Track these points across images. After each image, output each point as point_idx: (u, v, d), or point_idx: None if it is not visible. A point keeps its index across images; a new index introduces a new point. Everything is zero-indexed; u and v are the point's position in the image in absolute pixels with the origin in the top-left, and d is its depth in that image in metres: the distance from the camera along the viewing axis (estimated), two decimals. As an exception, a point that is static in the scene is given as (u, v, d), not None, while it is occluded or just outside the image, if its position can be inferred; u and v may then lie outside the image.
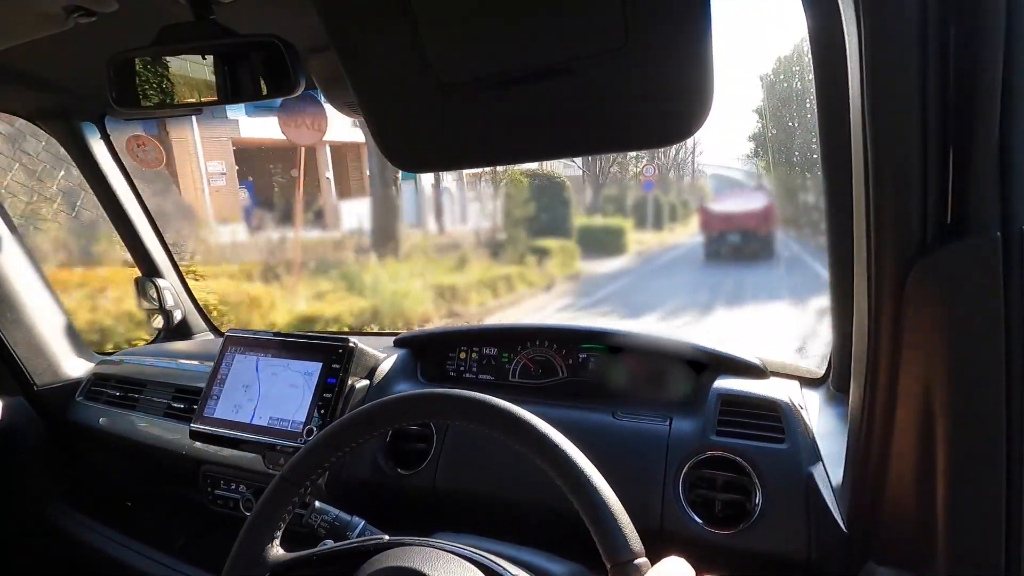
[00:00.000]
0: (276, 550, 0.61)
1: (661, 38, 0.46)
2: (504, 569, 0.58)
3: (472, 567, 0.57)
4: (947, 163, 0.52)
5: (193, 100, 0.73)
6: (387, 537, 0.63)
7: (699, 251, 6.51)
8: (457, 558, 0.58)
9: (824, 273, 0.95)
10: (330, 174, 8.00)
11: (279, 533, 0.61)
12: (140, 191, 1.54)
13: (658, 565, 0.44)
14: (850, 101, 0.58)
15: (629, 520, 0.49)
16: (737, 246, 5.89)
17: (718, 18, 0.44)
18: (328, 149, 8.17)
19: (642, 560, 0.46)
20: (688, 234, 7.10)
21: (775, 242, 5.80)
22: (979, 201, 0.52)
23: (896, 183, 0.54)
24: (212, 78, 0.71)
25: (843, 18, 0.55)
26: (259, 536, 0.60)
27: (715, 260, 6.03)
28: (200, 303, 1.74)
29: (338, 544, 0.65)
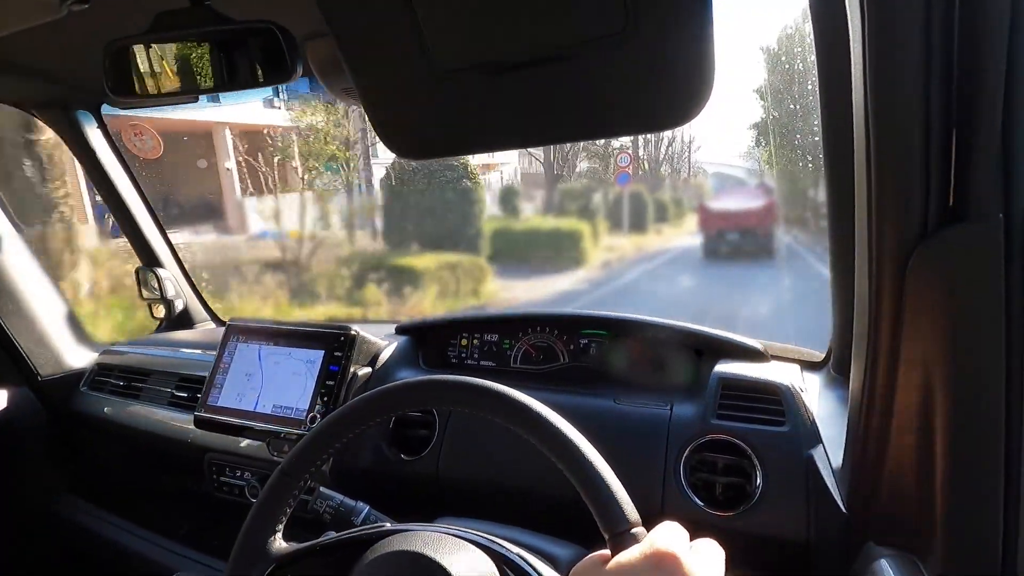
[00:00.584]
0: (279, 543, 0.61)
1: (662, 21, 0.45)
2: (508, 551, 0.58)
3: (476, 549, 0.58)
4: (950, 146, 0.52)
5: (189, 87, 0.72)
6: (389, 524, 0.64)
7: (688, 259, 5.24)
8: (461, 541, 0.59)
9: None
10: (231, 164, 6.29)
11: (281, 526, 0.62)
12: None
13: (654, 531, 0.45)
14: (852, 84, 0.58)
15: (625, 492, 0.49)
16: (737, 244, 5.48)
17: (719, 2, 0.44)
18: (228, 134, 6.46)
19: (639, 529, 0.47)
20: (679, 237, 5.71)
21: (775, 241, 5.30)
22: (981, 184, 0.52)
23: (898, 166, 0.54)
24: (208, 65, 0.71)
25: (846, 0, 0.54)
26: (261, 529, 0.60)
27: (713, 259, 5.48)
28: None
29: (342, 533, 0.65)
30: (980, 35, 0.48)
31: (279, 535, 0.61)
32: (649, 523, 0.48)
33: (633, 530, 0.47)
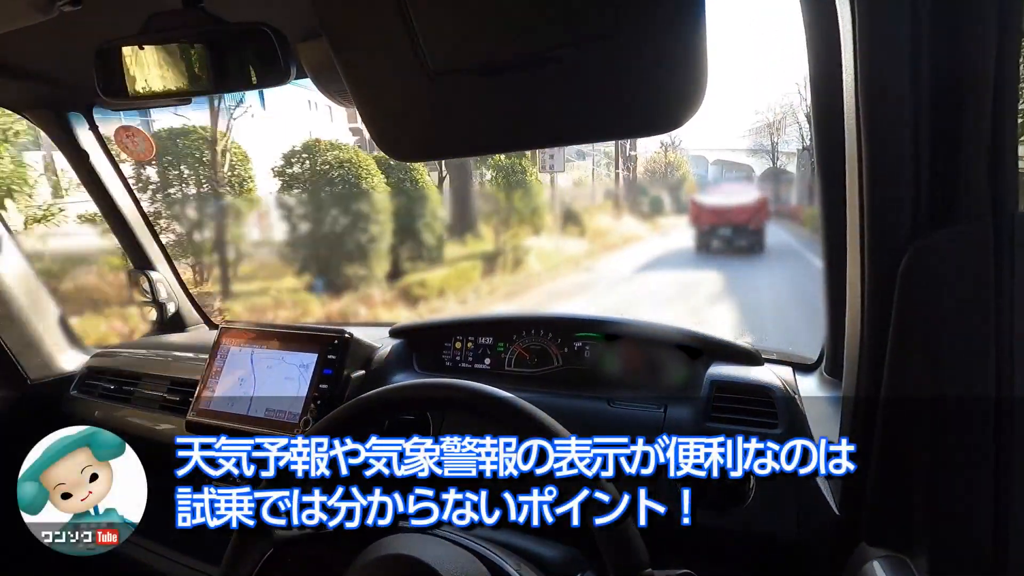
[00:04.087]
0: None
1: (653, 25, 0.45)
2: (498, 556, 0.58)
3: (464, 551, 0.58)
4: (939, 150, 0.53)
5: (181, 89, 0.72)
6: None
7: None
8: (453, 545, 0.59)
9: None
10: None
11: None
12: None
13: None
14: (844, 89, 0.58)
15: (637, 531, 0.49)
16: (730, 241, 5.15)
17: None
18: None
19: (648, 572, 0.46)
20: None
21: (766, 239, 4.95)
22: (970, 188, 0.52)
23: (889, 170, 0.54)
24: (201, 67, 0.70)
25: (837, 4, 0.55)
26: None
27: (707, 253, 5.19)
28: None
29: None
30: (969, 40, 0.49)
31: None
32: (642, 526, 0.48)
33: (642, 572, 0.46)
